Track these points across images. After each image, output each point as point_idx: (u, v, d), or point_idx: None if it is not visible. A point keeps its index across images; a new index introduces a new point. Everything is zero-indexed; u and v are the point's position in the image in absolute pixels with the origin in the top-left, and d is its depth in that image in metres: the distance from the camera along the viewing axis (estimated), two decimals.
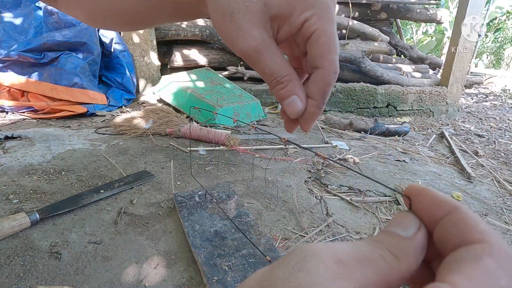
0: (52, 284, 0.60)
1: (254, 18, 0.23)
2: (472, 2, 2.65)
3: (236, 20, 0.23)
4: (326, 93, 0.25)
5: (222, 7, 0.24)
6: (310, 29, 0.23)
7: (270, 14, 0.24)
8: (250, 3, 0.23)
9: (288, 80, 0.25)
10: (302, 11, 0.23)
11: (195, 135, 1.46)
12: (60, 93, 1.80)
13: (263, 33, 0.24)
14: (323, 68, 0.24)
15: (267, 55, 0.24)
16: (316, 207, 0.97)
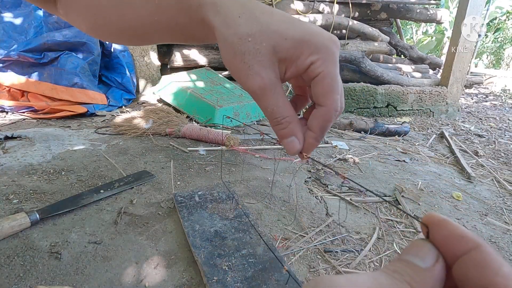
0: (52, 284, 0.60)
1: (263, 60, 0.25)
2: (472, 2, 2.65)
3: (247, 61, 0.25)
4: (326, 128, 0.28)
5: (233, 48, 0.26)
6: (315, 71, 0.25)
7: (279, 57, 0.26)
8: (260, 47, 0.25)
9: (288, 122, 0.27)
10: (309, 55, 0.25)
11: (195, 135, 1.46)
12: (60, 93, 1.80)
13: (270, 74, 0.26)
14: (326, 106, 0.26)
15: (271, 95, 0.26)
16: (316, 207, 0.97)
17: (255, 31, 0.25)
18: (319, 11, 2.74)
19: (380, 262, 0.75)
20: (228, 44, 0.26)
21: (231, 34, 0.26)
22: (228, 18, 0.26)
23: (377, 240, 0.84)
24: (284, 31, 0.25)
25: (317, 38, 0.25)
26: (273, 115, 0.27)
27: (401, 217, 0.98)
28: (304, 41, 0.25)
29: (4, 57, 1.70)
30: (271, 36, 0.25)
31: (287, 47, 0.25)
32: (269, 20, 0.26)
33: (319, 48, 0.25)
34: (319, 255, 0.75)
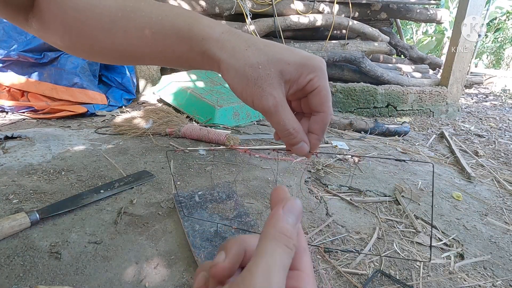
0: (52, 284, 0.60)
1: (273, 83, 0.31)
2: (472, 2, 2.65)
3: (260, 84, 0.31)
4: (325, 130, 0.34)
5: (246, 76, 0.31)
6: (314, 86, 0.32)
7: (285, 79, 0.31)
8: (270, 72, 0.31)
9: (297, 131, 0.33)
10: (307, 74, 0.31)
11: (195, 135, 1.46)
12: (60, 93, 1.80)
13: (280, 94, 0.31)
14: (324, 112, 0.33)
15: (282, 111, 0.32)
16: (316, 207, 0.97)
17: (263, 60, 0.31)
18: (319, 11, 2.74)
19: (380, 262, 0.75)
20: (240, 73, 0.31)
21: (242, 65, 0.31)
22: (236, 52, 0.31)
23: (377, 240, 0.84)
24: (287, 58, 0.31)
25: (312, 61, 0.32)
26: (285, 127, 0.32)
27: (401, 217, 0.98)
28: (303, 64, 0.31)
29: (4, 57, 1.70)
30: (277, 63, 0.31)
31: (291, 71, 0.31)
32: (273, 50, 0.31)
33: (315, 68, 0.31)
34: (319, 255, 0.75)
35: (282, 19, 2.64)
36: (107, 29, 0.34)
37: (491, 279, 0.74)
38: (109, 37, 0.35)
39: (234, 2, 2.51)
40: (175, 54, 0.34)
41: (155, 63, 0.38)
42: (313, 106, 0.33)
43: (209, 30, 0.32)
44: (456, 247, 0.85)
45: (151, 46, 0.34)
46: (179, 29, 0.33)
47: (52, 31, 0.36)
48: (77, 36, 0.35)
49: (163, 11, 0.34)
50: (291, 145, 0.34)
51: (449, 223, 0.98)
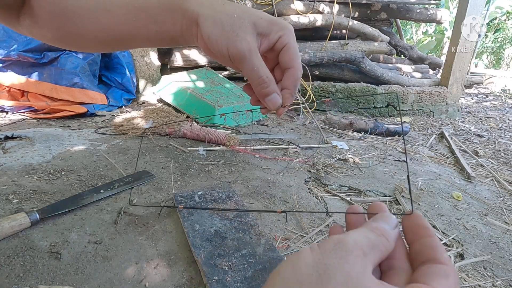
0: (52, 284, 0.60)
1: (247, 30, 0.33)
2: (472, 2, 2.65)
3: (234, 29, 0.32)
4: (297, 85, 0.36)
5: (222, 23, 0.32)
6: (283, 43, 0.34)
7: (257, 31, 0.34)
8: (244, 21, 0.33)
9: (270, 80, 0.34)
10: (277, 31, 0.34)
11: (195, 135, 1.46)
12: (60, 93, 1.80)
13: (253, 40, 0.33)
14: (294, 67, 0.35)
15: (256, 57, 0.33)
16: (316, 207, 0.97)
17: (239, 11, 0.33)
18: (319, 11, 2.74)
19: None
20: (216, 21, 0.32)
21: (219, 13, 0.32)
22: (213, 5, 0.33)
23: None
24: (259, 14, 0.34)
25: (281, 21, 0.35)
26: (258, 74, 0.34)
27: (401, 217, 0.98)
28: (273, 21, 0.34)
29: (4, 57, 1.70)
30: (251, 15, 0.33)
31: (263, 24, 0.34)
32: (246, 7, 0.34)
33: (284, 27, 0.34)
34: None
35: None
36: (91, 11, 0.35)
37: (491, 279, 0.74)
38: (94, 19, 0.36)
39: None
40: (157, 25, 0.35)
41: (140, 42, 0.38)
42: (283, 63, 0.35)
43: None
44: (456, 247, 0.85)
45: (135, 22, 0.35)
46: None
47: (42, 24, 0.37)
48: (65, 24, 0.36)
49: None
50: (264, 95, 0.35)
51: (449, 223, 0.98)
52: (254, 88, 0.35)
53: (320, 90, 2.53)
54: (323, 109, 2.56)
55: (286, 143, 1.56)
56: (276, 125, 1.98)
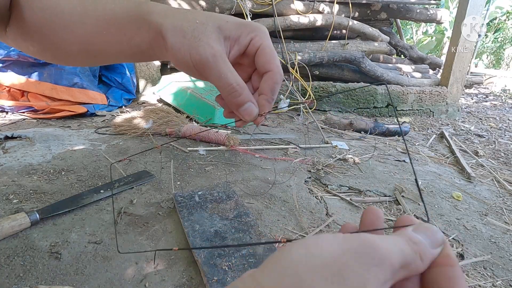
0: (52, 284, 0.60)
1: (211, 36, 0.30)
2: (472, 2, 2.65)
3: (196, 35, 0.29)
4: (275, 90, 0.32)
5: (182, 29, 0.30)
6: (256, 45, 0.31)
7: (224, 35, 0.30)
8: (207, 26, 0.30)
9: (242, 87, 0.30)
10: (248, 33, 0.31)
11: (195, 135, 1.46)
12: (60, 93, 1.80)
13: (218, 46, 0.30)
14: (272, 70, 0.31)
15: (223, 63, 0.30)
16: (316, 207, 0.97)
17: (202, 18, 0.30)
18: (319, 11, 2.74)
19: None
20: (177, 28, 0.30)
21: (180, 21, 0.30)
22: (175, 14, 0.31)
23: None
24: (226, 17, 0.31)
25: (252, 23, 0.32)
26: (227, 82, 0.30)
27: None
28: (242, 23, 0.31)
29: (4, 57, 1.70)
30: (215, 19, 0.31)
31: (230, 28, 0.31)
32: (212, 13, 0.31)
33: (255, 28, 0.31)
34: None
35: (282, 19, 2.63)
36: (68, 24, 0.35)
37: (491, 279, 0.74)
38: (70, 32, 0.35)
39: (234, 2, 2.51)
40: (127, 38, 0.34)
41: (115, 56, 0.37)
42: (260, 66, 0.32)
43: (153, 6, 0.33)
44: (456, 247, 0.85)
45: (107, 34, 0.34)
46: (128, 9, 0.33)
47: (25, 37, 0.37)
48: (44, 36, 0.36)
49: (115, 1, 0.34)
50: (236, 105, 0.31)
51: (449, 223, 0.98)
52: (225, 98, 0.31)
53: (320, 90, 2.53)
54: (323, 109, 2.56)
55: (286, 143, 1.56)
56: (276, 125, 1.98)
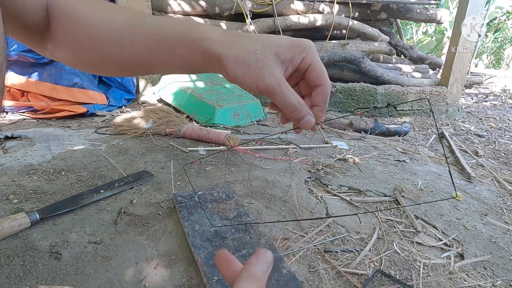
0: (52, 284, 0.60)
1: (272, 64, 0.34)
2: (472, 2, 2.66)
3: (260, 66, 0.33)
4: (327, 101, 0.37)
5: (246, 62, 0.33)
6: (307, 63, 0.36)
7: (281, 60, 0.34)
8: (267, 55, 0.34)
9: (302, 105, 0.35)
10: (300, 53, 0.35)
11: (195, 135, 1.46)
12: (60, 93, 1.80)
13: (279, 72, 0.34)
14: (324, 84, 0.36)
15: (285, 87, 0.34)
16: (316, 207, 0.97)
17: (259, 47, 0.34)
18: (319, 11, 2.74)
19: (380, 262, 0.75)
20: (240, 60, 0.33)
21: (241, 52, 0.34)
22: (233, 44, 0.34)
23: (377, 240, 0.84)
24: (279, 42, 0.35)
25: (301, 42, 0.36)
26: (291, 103, 0.34)
27: (401, 217, 0.98)
28: (294, 45, 0.35)
29: None
30: (271, 47, 0.34)
31: (285, 52, 0.34)
32: (266, 38, 0.35)
33: (305, 48, 0.35)
34: (319, 255, 0.75)
35: (282, 19, 2.64)
36: (115, 42, 0.38)
37: (491, 279, 0.74)
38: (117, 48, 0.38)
39: (234, 2, 2.51)
40: (178, 58, 0.37)
41: (160, 70, 0.41)
42: (311, 81, 0.37)
43: (208, 32, 0.35)
44: (456, 247, 0.85)
45: (156, 53, 0.37)
46: (181, 34, 0.36)
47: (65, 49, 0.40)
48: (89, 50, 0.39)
49: (165, 21, 0.38)
50: (298, 120, 0.36)
51: (449, 223, 0.98)
52: (288, 115, 0.36)
53: None
54: None
55: (286, 143, 1.56)
56: (276, 125, 1.98)
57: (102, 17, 0.38)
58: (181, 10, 2.50)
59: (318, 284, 0.66)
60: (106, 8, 0.39)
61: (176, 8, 2.48)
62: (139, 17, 0.38)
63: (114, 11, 0.39)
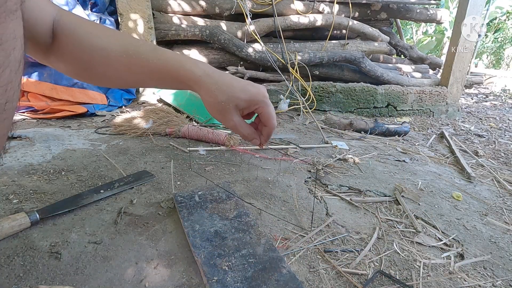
0: (52, 284, 0.60)
1: (232, 112, 0.50)
2: (472, 2, 2.66)
3: (224, 113, 0.50)
4: (270, 135, 0.56)
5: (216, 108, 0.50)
6: (259, 111, 0.53)
7: (239, 108, 0.51)
8: (229, 106, 0.49)
9: (250, 135, 0.55)
10: (254, 105, 0.52)
11: (195, 135, 1.46)
12: (60, 93, 1.80)
13: (237, 117, 0.51)
14: (269, 126, 0.54)
15: (240, 127, 0.52)
16: (316, 207, 0.97)
17: (225, 99, 0.48)
18: (319, 11, 2.74)
19: (380, 262, 0.75)
20: (212, 106, 0.50)
21: (212, 100, 0.49)
22: (208, 91, 0.48)
23: (377, 240, 0.84)
24: (240, 96, 0.49)
25: (257, 98, 0.50)
26: (243, 135, 0.54)
27: (401, 217, 0.98)
28: (251, 100, 0.50)
29: None
30: (233, 100, 0.49)
31: (243, 104, 0.50)
32: (231, 91, 0.48)
33: (258, 102, 0.51)
34: (319, 255, 0.75)
35: (282, 19, 2.64)
36: (114, 66, 0.47)
37: (491, 279, 0.74)
38: (115, 72, 0.48)
39: (234, 2, 2.51)
40: (167, 84, 0.50)
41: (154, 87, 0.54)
42: (262, 121, 0.54)
43: (191, 75, 0.47)
44: (456, 247, 0.85)
45: (149, 80, 0.50)
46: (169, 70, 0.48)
47: (66, 64, 0.48)
48: (90, 68, 0.48)
49: (156, 55, 0.47)
50: (248, 140, 0.55)
51: (449, 223, 0.98)
52: (242, 138, 0.54)
53: (320, 90, 2.53)
54: (323, 109, 2.56)
55: (286, 143, 1.56)
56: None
57: (101, 43, 0.46)
58: (181, 10, 2.50)
59: (318, 284, 0.66)
60: (105, 35, 0.46)
61: (176, 8, 2.48)
62: (135, 47, 0.47)
63: (112, 38, 0.47)
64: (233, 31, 2.54)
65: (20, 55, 0.32)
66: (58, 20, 0.44)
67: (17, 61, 0.32)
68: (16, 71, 0.32)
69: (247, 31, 2.54)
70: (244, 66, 2.56)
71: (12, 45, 0.30)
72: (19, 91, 0.34)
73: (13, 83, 0.32)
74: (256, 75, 2.55)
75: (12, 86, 0.32)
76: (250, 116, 0.56)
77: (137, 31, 2.19)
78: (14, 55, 0.31)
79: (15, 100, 0.34)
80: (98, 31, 0.46)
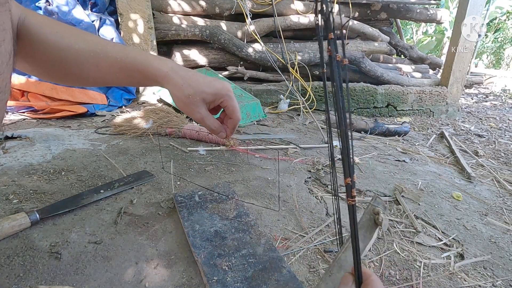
0: (52, 284, 0.60)
1: (199, 105, 0.51)
2: (472, 2, 2.66)
3: (191, 107, 0.51)
4: (235, 128, 0.57)
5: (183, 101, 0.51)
6: (224, 105, 0.54)
7: (206, 102, 0.52)
8: (196, 100, 0.50)
9: (217, 128, 0.55)
10: (219, 99, 0.53)
11: (195, 135, 1.46)
12: (60, 93, 1.80)
13: (203, 110, 0.52)
14: (233, 118, 0.55)
15: (206, 120, 0.53)
16: (316, 207, 0.97)
17: (192, 93, 0.50)
18: None
19: (380, 262, 0.75)
20: (179, 100, 0.51)
21: (180, 94, 0.50)
22: (176, 86, 0.50)
23: (377, 240, 0.84)
24: (206, 90, 0.51)
25: (222, 92, 0.52)
26: (209, 127, 0.55)
27: (401, 217, 0.98)
28: (216, 93, 0.52)
29: None
30: (200, 94, 0.50)
31: (209, 97, 0.52)
32: (197, 85, 0.50)
33: (223, 95, 0.53)
34: (319, 255, 0.75)
35: (282, 19, 2.64)
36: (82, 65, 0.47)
37: (491, 279, 0.74)
38: (84, 70, 0.48)
39: (234, 2, 2.51)
40: (136, 81, 0.51)
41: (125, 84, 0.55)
42: (228, 113, 0.56)
43: (158, 71, 0.49)
44: (456, 247, 0.85)
45: (118, 77, 0.50)
46: (137, 67, 0.49)
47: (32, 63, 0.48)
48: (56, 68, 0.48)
49: (124, 53, 0.48)
50: (215, 133, 0.55)
51: (449, 223, 0.98)
52: (210, 131, 0.56)
53: (320, 90, 2.53)
54: (323, 109, 2.56)
55: (286, 143, 1.56)
56: (276, 125, 1.98)
57: (68, 43, 0.46)
58: (181, 10, 2.50)
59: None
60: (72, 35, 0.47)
61: (176, 8, 2.48)
62: (103, 46, 0.48)
63: (79, 38, 0.47)
64: (233, 31, 2.54)
65: (10, 46, 0.33)
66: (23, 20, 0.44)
67: (8, 53, 0.33)
68: (7, 63, 0.33)
69: (247, 31, 2.54)
70: (244, 66, 2.56)
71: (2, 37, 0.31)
72: (10, 83, 0.34)
73: (4, 75, 0.32)
74: (256, 75, 2.55)
75: (4, 77, 0.33)
76: (217, 111, 0.58)
77: (137, 31, 2.19)
78: (5, 46, 0.31)
79: (7, 91, 0.34)
80: (64, 31, 0.46)
